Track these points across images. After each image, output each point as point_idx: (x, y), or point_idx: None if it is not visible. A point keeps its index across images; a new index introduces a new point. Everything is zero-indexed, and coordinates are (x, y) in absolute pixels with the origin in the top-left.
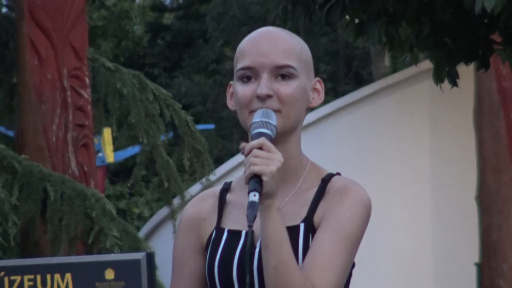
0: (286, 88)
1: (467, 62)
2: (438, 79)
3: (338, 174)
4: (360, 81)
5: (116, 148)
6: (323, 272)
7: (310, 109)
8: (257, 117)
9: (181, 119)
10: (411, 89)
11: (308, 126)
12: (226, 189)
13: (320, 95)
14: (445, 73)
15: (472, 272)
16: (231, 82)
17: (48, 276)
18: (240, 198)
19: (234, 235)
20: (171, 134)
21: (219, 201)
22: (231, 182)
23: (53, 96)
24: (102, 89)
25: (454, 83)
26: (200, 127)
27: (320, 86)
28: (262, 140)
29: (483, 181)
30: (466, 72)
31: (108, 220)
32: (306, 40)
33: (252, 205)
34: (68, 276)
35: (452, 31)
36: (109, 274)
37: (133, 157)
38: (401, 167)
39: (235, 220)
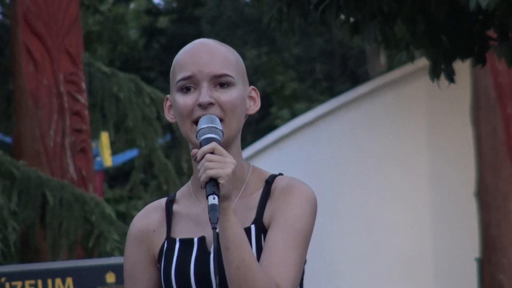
0: (226, 96)
1: (463, 59)
2: (435, 76)
3: (281, 174)
4: (356, 80)
5: (114, 152)
6: (281, 269)
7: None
8: (203, 123)
9: None
10: (408, 87)
11: (304, 126)
12: (172, 200)
13: (256, 103)
14: (441, 70)
15: (473, 268)
16: (168, 96)
17: (49, 281)
18: (187, 207)
19: (187, 243)
20: (168, 137)
21: (166, 212)
22: (175, 194)
23: (50, 102)
24: (99, 93)
25: (450, 79)
26: None
27: (255, 94)
28: (213, 144)
29: (482, 177)
30: (463, 68)
31: (108, 224)
32: (301, 41)
33: (213, 208)
34: (69, 280)
35: (447, 29)
36: (110, 277)
37: (131, 160)
38: (399, 165)
39: (185, 230)
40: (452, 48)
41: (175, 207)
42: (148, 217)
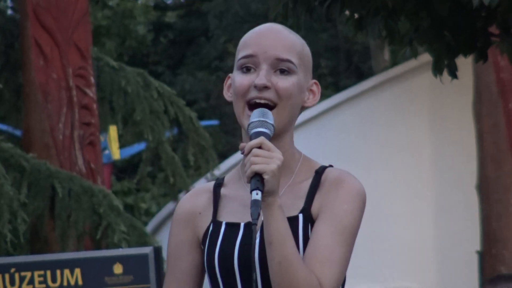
0: (284, 82)
1: (465, 55)
2: (438, 72)
3: (331, 166)
4: (360, 75)
5: (122, 145)
6: (326, 266)
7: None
8: (254, 117)
9: (185, 116)
10: (411, 82)
11: (309, 120)
12: (220, 184)
13: (316, 97)
14: (444, 66)
15: (474, 260)
16: (230, 74)
17: (58, 272)
18: (235, 191)
19: (233, 227)
20: (175, 131)
21: (213, 195)
22: (223, 178)
23: (59, 96)
24: (107, 87)
25: (453, 75)
26: (204, 123)
27: (316, 88)
28: (261, 139)
29: (483, 171)
30: (465, 64)
31: (116, 216)
32: (306, 36)
33: (255, 204)
34: (77, 271)
35: (450, 25)
36: (118, 268)
37: (139, 153)
38: (402, 159)
39: (232, 213)
40: (455, 44)
41: (223, 190)
42: (195, 200)
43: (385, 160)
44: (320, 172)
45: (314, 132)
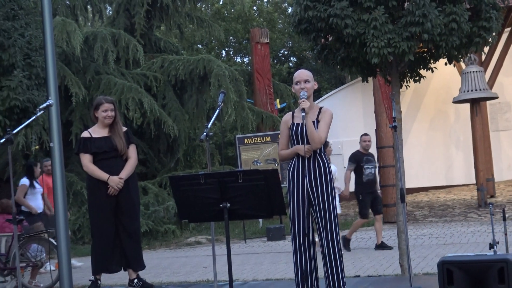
0: (308, 85)
1: (371, 76)
2: (363, 81)
3: (323, 106)
4: (342, 84)
5: (280, 102)
6: (322, 133)
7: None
8: (301, 93)
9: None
10: (355, 86)
11: (325, 99)
12: (293, 112)
13: (316, 86)
14: (365, 79)
15: None
16: (292, 85)
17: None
18: (297, 113)
19: (298, 124)
20: (294, 100)
21: (291, 116)
22: (294, 110)
23: (262, 91)
24: (275, 88)
25: (367, 81)
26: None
27: (316, 84)
28: (303, 99)
29: (376, 98)
30: (370, 79)
31: (276, 121)
32: (327, 70)
33: (303, 117)
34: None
35: (367, 67)
36: (267, 138)
37: (284, 106)
38: (349, 121)
39: (297, 119)
40: (367, 73)
41: (294, 113)
42: (286, 117)
43: (347, 120)
44: (320, 108)
45: (326, 104)
